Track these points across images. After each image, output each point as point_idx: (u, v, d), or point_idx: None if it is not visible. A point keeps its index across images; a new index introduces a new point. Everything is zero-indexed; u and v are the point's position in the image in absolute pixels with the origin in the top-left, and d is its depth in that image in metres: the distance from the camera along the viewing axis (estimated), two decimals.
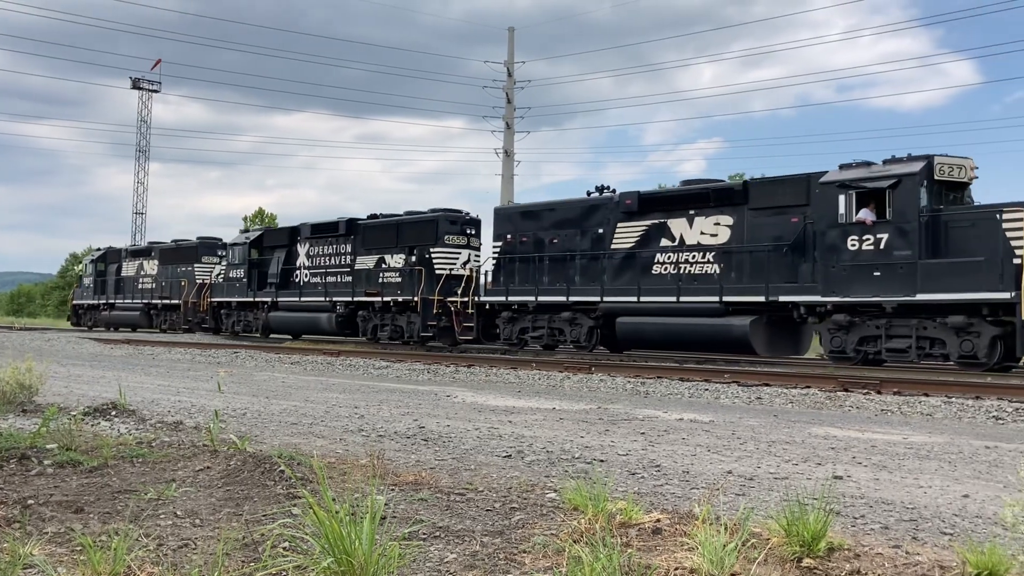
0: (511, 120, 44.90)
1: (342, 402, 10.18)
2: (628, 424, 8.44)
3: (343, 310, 26.83)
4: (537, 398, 11.21)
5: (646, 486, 5.21)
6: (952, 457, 6.67)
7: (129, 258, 40.42)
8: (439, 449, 6.57)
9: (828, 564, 3.43)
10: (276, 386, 12.45)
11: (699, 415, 9.38)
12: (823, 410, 10.52)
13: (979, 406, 10.22)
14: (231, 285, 31.58)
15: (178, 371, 15.59)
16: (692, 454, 6.57)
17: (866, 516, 4.50)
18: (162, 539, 3.77)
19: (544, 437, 7.32)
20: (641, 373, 14.62)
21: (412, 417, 8.68)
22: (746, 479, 5.55)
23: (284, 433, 7.33)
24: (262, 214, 69.50)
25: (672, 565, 3.33)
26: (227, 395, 10.40)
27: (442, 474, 5.44)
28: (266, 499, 4.55)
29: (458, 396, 11.21)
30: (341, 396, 11.01)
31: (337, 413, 8.96)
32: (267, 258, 30.66)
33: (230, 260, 31.92)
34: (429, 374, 15.57)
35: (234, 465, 5.28)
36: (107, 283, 41.35)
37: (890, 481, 5.58)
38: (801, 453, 6.73)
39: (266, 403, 9.86)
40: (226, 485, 4.90)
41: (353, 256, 27.19)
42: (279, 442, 6.69)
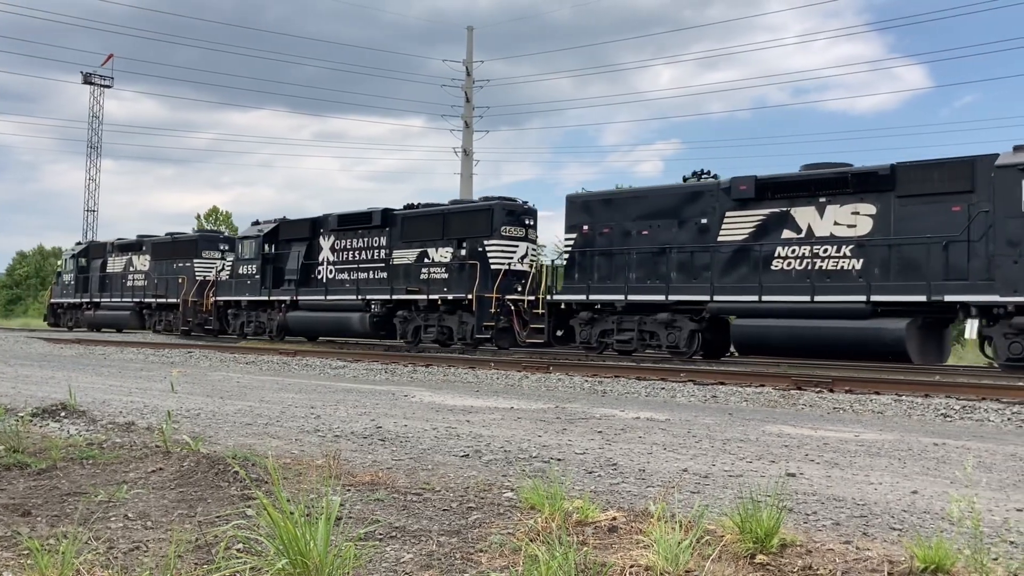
0: (470, 119, 44.88)
1: (298, 402, 10.09)
2: (585, 423, 8.48)
3: (379, 309, 24.18)
4: (495, 397, 11.21)
5: (603, 484, 5.24)
6: (902, 454, 6.80)
7: (116, 253, 37.11)
8: (396, 449, 6.54)
9: (781, 560, 3.48)
10: (231, 386, 12.30)
11: (656, 414, 9.46)
12: (777, 408, 10.67)
13: (928, 404, 10.44)
14: (241, 282, 28.64)
15: (130, 371, 15.33)
16: (648, 452, 6.62)
17: (818, 512, 4.57)
18: (112, 542, 3.70)
19: (502, 436, 7.32)
20: (599, 372, 14.69)
21: (369, 417, 8.63)
22: (701, 477, 5.61)
23: (239, 434, 7.24)
24: (216, 212, 68.62)
25: (628, 563, 3.36)
26: (181, 395, 10.26)
27: (399, 474, 5.42)
28: (220, 500, 4.50)
29: (416, 396, 11.17)
30: (297, 396, 10.92)
31: (293, 413, 8.88)
32: (284, 252, 27.80)
33: (240, 255, 28.95)
34: (387, 374, 15.50)
35: (187, 466, 5.21)
36: (90, 280, 38.05)
37: (842, 478, 5.68)
38: (755, 451, 6.82)
39: (221, 403, 9.74)
40: (179, 487, 4.84)
41: (389, 250, 24.58)
42: (233, 443, 6.62)
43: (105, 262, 37.52)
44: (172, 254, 33.90)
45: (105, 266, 37.42)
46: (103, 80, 65.25)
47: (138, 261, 35.58)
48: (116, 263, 36.84)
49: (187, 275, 32.01)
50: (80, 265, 39.00)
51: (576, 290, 20.23)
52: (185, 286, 31.50)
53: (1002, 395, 10.97)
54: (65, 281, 40.16)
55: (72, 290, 39.08)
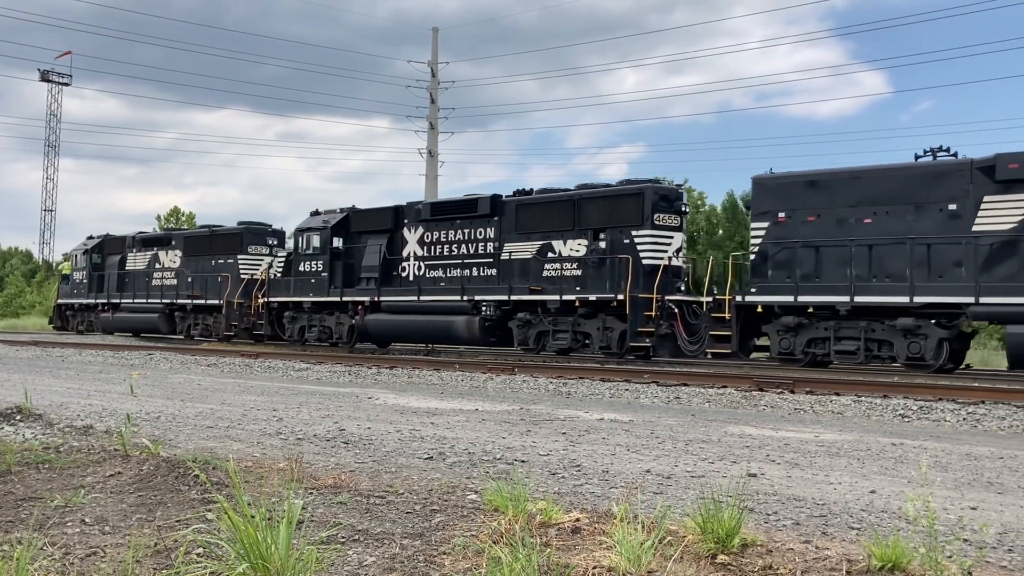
0: (435, 120, 44.80)
1: (260, 405, 10.00)
2: (550, 424, 8.50)
3: (491, 312, 20.66)
4: (460, 399, 11.20)
5: (566, 486, 5.25)
6: (861, 454, 6.90)
7: (138, 248, 32.77)
8: (359, 452, 6.51)
9: (742, 560, 3.51)
10: (192, 388, 12.16)
11: (619, 415, 9.50)
12: (739, 409, 10.77)
13: (887, 404, 10.60)
14: (302, 281, 25.00)
15: (88, 373, 15.09)
16: (612, 453, 6.65)
17: (779, 512, 4.63)
18: (68, 547, 3.64)
19: (466, 439, 7.31)
20: (563, 374, 14.73)
21: (332, 419, 8.58)
22: (664, 478, 5.65)
23: (199, 437, 7.16)
24: (178, 212, 67.76)
25: (591, 564, 3.37)
26: (140, 398, 10.12)
27: (362, 477, 5.39)
28: (180, 504, 4.44)
29: (380, 398, 11.12)
30: (259, 399, 10.82)
31: (255, 416, 8.80)
32: (357, 247, 24.24)
33: (301, 250, 25.38)
34: (350, 376, 15.41)
35: (147, 470, 5.14)
36: (107, 279, 33.32)
37: (802, 478, 5.75)
38: (717, 451, 6.88)
39: (181, 406, 9.62)
40: (138, 491, 4.77)
41: (498, 243, 21.13)
42: (194, 446, 6.54)
43: (124, 258, 33.24)
44: (210, 249, 29.74)
45: (124, 263, 33.16)
46: (61, 78, 64.22)
47: (166, 257, 31.35)
48: (138, 260, 32.58)
49: (230, 273, 28.00)
50: (94, 262, 34.23)
51: (774, 290, 16.84)
52: (229, 286, 27.55)
53: (958, 395, 11.18)
54: (76, 280, 35.26)
55: (85, 290, 34.37)
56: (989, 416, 9.62)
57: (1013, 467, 6.37)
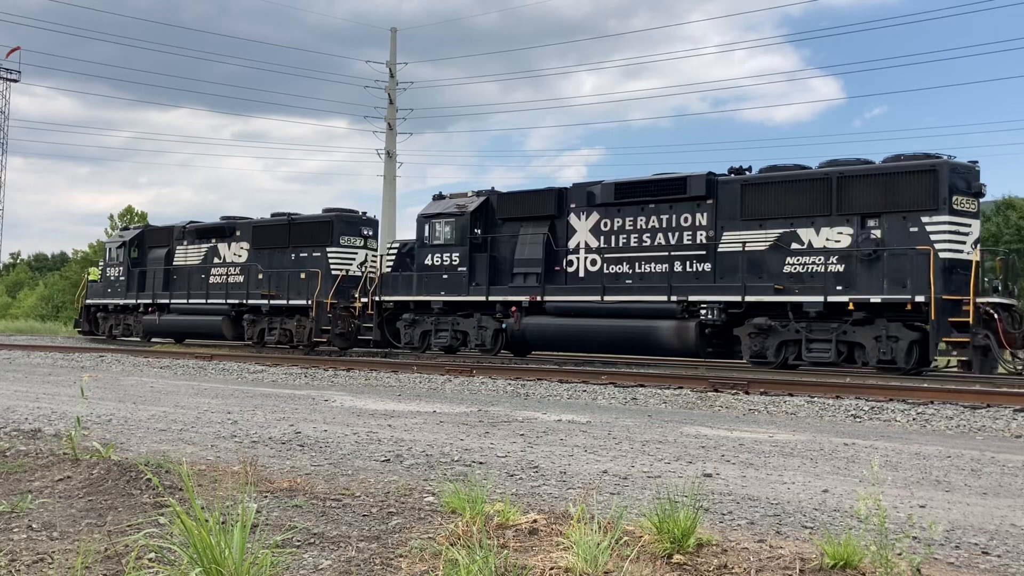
0: (393, 121, 44.61)
1: (214, 407, 9.87)
2: (508, 426, 8.50)
3: (713, 316, 16.86)
4: (418, 401, 11.15)
5: (524, 487, 5.26)
6: (814, 454, 7.00)
7: (190, 240, 28.00)
8: (315, 454, 6.45)
9: (697, 559, 3.54)
10: (144, 391, 11.96)
11: (577, 416, 9.54)
12: (694, 410, 10.87)
13: (839, 405, 10.77)
14: (431, 277, 21.16)
15: (37, 376, 14.77)
16: (569, 455, 6.67)
17: (733, 512, 4.67)
18: (15, 554, 3.56)
19: (424, 440, 7.29)
20: (522, 375, 14.75)
21: (288, 422, 8.50)
22: (621, 478, 5.68)
23: (152, 440, 7.05)
24: (131, 212, 66.65)
25: (548, 565, 3.37)
26: (91, 401, 9.93)
27: (318, 480, 5.35)
28: (131, 509, 4.37)
29: (336, 400, 11.04)
30: (214, 401, 10.67)
31: (209, 419, 8.68)
32: (503, 236, 20.55)
33: (427, 239, 21.49)
34: (307, 378, 15.28)
35: (97, 474, 5.04)
36: (150, 275, 28.64)
37: (756, 478, 5.81)
38: (673, 452, 6.93)
39: (133, 409, 9.46)
40: (88, 495, 4.68)
41: (713, 231, 17.39)
42: (146, 449, 6.43)
43: (171, 252, 28.56)
44: (290, 241, 25.13)
45: (171, 257, 28.46)
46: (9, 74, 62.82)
47: (228, 250, 26.65)
48: (190, 253, 27.98)
49: (319, 268, 23.70)
50: (132, 256, 29.41)
51: None
52: (319, 283, 23.29)
53: (908, 396, 11.39)
54: (110, 277, 30.13)
55: (121, 288, 29.37)
56: (938, 416, 9.82)
57: (960, 466, 6.51)
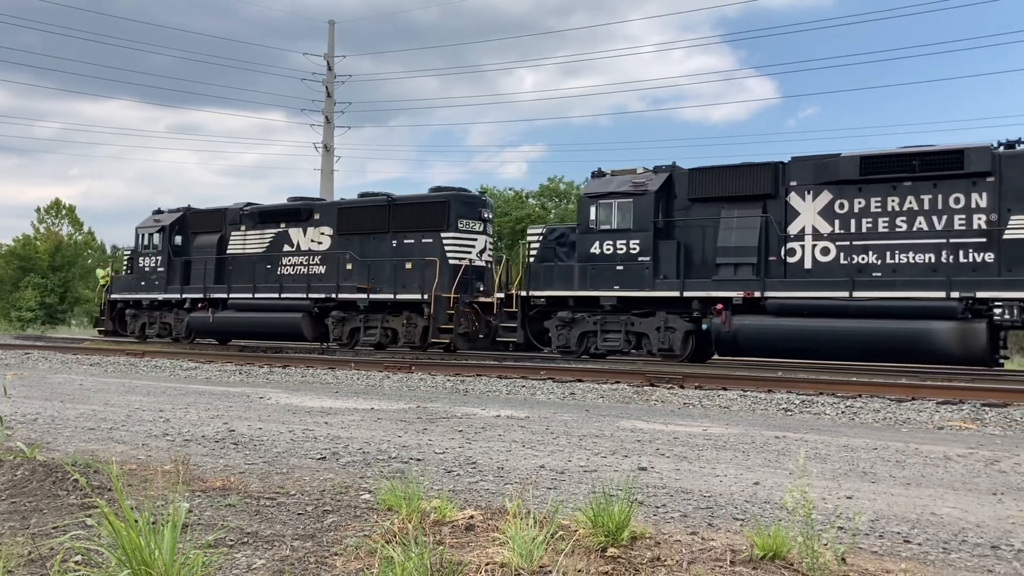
0: (331, 114, 44.15)
1: (146, 405, 9.66)
2: (446, 422, 8.50)
3: (1011, 317, 14.25)
4: (355, 398, 11.07)
5: (461, 483, 5.27)
6: (746, 447, 7.14)
7: (249, 225, 24.00)
8: (249, 453, 6.37)
9: (631, 552, 3.59)
10: (73, 389, 11.65)
11: (516, 411, 9.58)
12: (631, 404, 11.00)
13: (771, 399, 11.00)
14: (601, 269, 17.86)
15: None
16: (507, 450, 6.70)
17: (667, 505, 4.75)
18: None
19: (361, 438, 7.24)
20: (461, 371, 14.74)
21: (222, 420, 8.36)
22: (558, 473, 5.72)
23: (80, 439, 6.87)
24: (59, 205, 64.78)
25: (483, 561, 3.39)
26: (15, 400, 9.64)
27: (252, 478, 5.28)
28: (57, 510, 4.26)
29: (272, 398, 10.90)
30: (145, 399, 10.45)
31: (140, 417, 8.50)
32: (699, 220, 17.43)
33: (593, 224, 18.12)
34: (241, 375, 15.04)
35: (21, 475, 4.90)
36: (198, 266, 24.63)
37: (690, 471, 5.91)
38: (610, 446, 7.01)
39: (61, 407, 9.21)
40: (11, 497, 4.55)
41: (997, 214, 14.62)
42: (74, 449, 6.27)
43: (224, 239, 24.55)
44: (390, 225, 21.42)
45: (224, 245, 24.51)
46: None
47: (303, 236, 22.90)
48: (250, 240, 23.99)
49: (436, 257, 20.28)
50: (173, 244, 25.37)
51: None
52: (437, 274, 19.94)
53: (837, 390, 11.69)
54: (143, 268, 25.87)
55: (160, 281, 25.28)
56: (865, 409, 10.10)
57: (886, 457, 6.71)
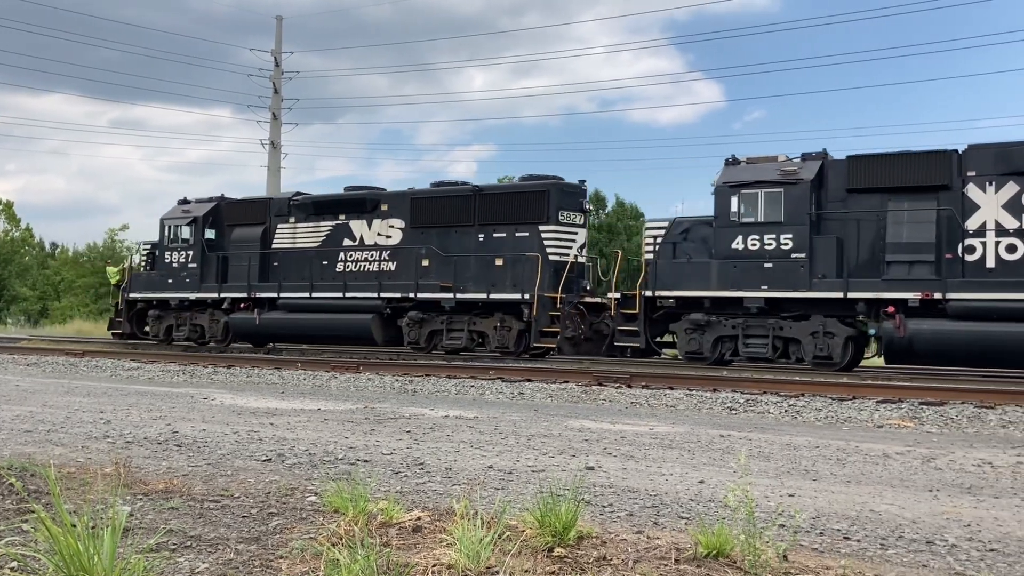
0: (278, 111, 43.62)
1: (86, 406, 9.45)
2: (394, 423, 8.46)
3: None
4: (301, 399, 10.96)
5: (409, 484, 5.25)
6: (691, 446, 7.23)
7: (300, 215, 21.76)
8: (193, 455, 6.27)
9: (577, 552, 3.62)
10: (8, 390, 11.34)
11: (464, 412, 9.57)
12: (579, 404, 11.06)
13: (716, 398, 11.15)
14: (743, 267, 16.12)
15: None
16: (456, 451, 6.69)
17: (614, 504, 4.79)
18: None
19: (307, 439, 7.18)
20: (409, 371, 14.68)
21: (165, 421, 8.22)
22: (506, 473, 5.73)
23: (16, 442, 6.70)
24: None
25: (431, 562, 3.38)
26: None
27: (196, 481, 5.20)
28: None
29: (216, 398, 10.74)
30: (85, 400, 10.22)
31: (80, 418, 8.31)
32: (859, 213, 15.63)
33: (734, 216, 16.35)
34: (185, 375, 14.80)
35: None
36: (237, 261, 22.19)
37: (636, 470, 5.97)
38: (558, 446, 7.04)
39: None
40: None
41: None
42: (10, 452, 6.11)
43: (269, 231, 22.20)
44: (476, 217, 19.34)
45: (269, 238, 22.19)
46: None
47: (368, 229, 20.62)
48: (302, 233, 21.73)
49: (537, 252, 18.19)
50: (207, 238, 22.80)
51: None
52: (539, 272, 17.88)
53: (780, 389, 11.89)
54: (171, 263, 23.24)
55: (193, 278, 22.70)
56: (808, 408, 10.29)
57: (827, 455, 6.85)
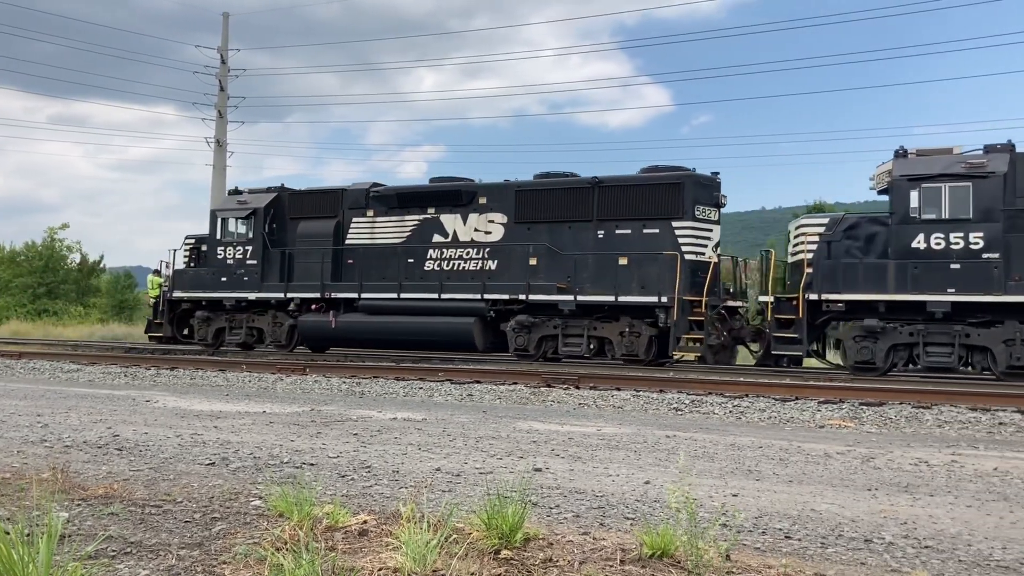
0: (224, 109, 42.99)
1: (22, 409, 9.21)
2: (341, 425, 8.39)
3: None
4: (247, 401, 10.82)
5: (356, 488, 5.21)
6: (638, 446, 7.30)
7: (381, 208, 19.89)
8: (135, 459, 6.15)
9: (524, 554, 3.63)
10: None
11: (413, 414, 9.53)
12: (528, 405, 11.09)
13: (663, 399, 11.26)
14: (928, 268, 14.68)
15: None
16: (403, 453, 6.66)
17: (560, 506, 4.81)
18: None
19: (252, 442, 7.08)
20: (357, 373, 14.57)
21: (105, 425, 8.04)
22: (454, 475, 5.72)
23: None
24: None
25: (376, 566, 3.37)
26: None
27: (137, 485, 5.11)
28: None
29: (159, 401, 10.54)
30: (21, 403, 9.95)
31: (15, 422, 8.09)
32: None
33: (913, 212, 14.87)
34: (127, 377, 14.50)
35: None
36: (305, 258, 20.25)
37: (583, 471, 6.01)
38: (506, 447, 7.05)
39: None
40: None
41: None
42: None
43: (342, 224, 20.31)
44: (596, 212, 17.67)
45: (342, 232, 20.27)
46: None
47: (463, 224, 18.94)
48: (382, 227, 19.86)
49: (673, 251, 16.59)
50: (267, 233, 20.77)
51: None
52: (678, 272, 16.30)
53: (725, 390, 12.06)
54: (225, 260, 21.18)
55: (253, 276, 20.71)
56: (752, 409, 10.45)
57: (770, 455, 6.96)
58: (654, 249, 16.71)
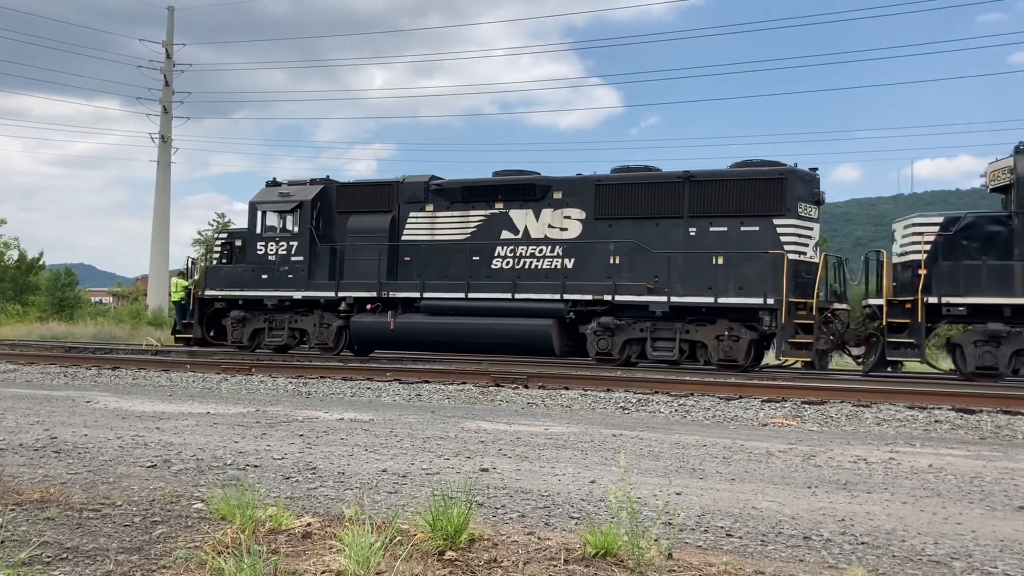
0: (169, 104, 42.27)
1: None
2: (287, 426, 8.31)
3: None
4: (190, 402, 10.65)
5: (300, 490, 5.17)
6: (584, 446, 7.35)
7: (441, 202, 18.74)
8: (73, 461, 6.02)
9: (469, 555, 3.64)
10: None
11: (360, 414, 9.47)
12: (476, 405, 11.09)
13: (610, 398, 11.35)
14: None
15: None
16: (350, 454, 6.62)
17: (507, 506, 4.83)
18: None
19: (195, 444, 6.98)
20: (304, 373, 14.43)
21: (43, 426, 7.85)
22: (400, 476, 5.71)
23: None
24: None
25: (319, 568, 3.35)
26: None
27: (75, 489, 5.00)
28: None
29: (100, 402, 10.33)
30: None
31: None
32: None
33: None
34: (66, 377, 14.17)
35: None
36: (358, 255, 18.93)
37: (530, 471, 6.03)
38: (453, 448, 7.05)
39: None
40: None
41: None
42: None
43: (398, 219, 19.11)
44: (687, 208, 16.68)
45: (399, 228, 19.09)
46: None
47: (535, 220, 17.84)
48: (443, 222, 18.74)
49: (779, 251, 15.69)
50: (314, 229, 19.59)
51: None
52: (784, 272, 15.44)
53: (671, 389, 12.20)
54: (267, 256, 19.89)
55: (299, 274, 19.46)
56: (697, 408, 10.58)
57: (714, 454, 7.06)
58: (754, 248, 15.79)
